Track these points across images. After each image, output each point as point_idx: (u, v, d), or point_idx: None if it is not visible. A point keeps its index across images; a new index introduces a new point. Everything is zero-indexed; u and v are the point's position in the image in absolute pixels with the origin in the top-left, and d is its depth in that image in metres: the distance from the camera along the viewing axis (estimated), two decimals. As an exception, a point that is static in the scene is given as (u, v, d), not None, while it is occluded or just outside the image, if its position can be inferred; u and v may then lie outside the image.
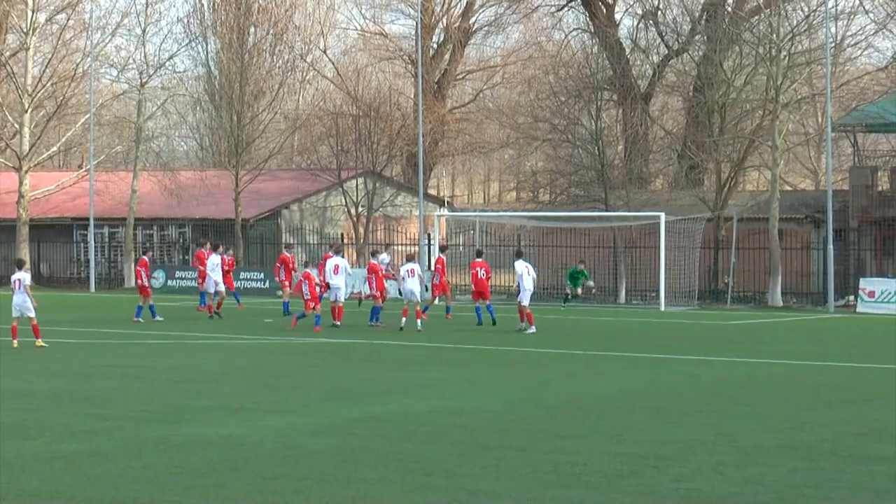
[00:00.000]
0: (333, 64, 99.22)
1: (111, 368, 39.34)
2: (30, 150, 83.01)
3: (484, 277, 51.96)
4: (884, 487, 22.06)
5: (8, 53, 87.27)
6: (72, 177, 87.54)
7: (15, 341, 42.58)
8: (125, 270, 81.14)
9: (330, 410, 30.62)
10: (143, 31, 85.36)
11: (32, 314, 42.80)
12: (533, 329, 48.26)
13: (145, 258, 56.92)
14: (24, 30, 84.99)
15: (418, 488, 21.82)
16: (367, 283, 53.92)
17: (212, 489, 21.82)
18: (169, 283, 75.02)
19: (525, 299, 48.93)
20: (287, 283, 58.27)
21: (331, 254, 54.30)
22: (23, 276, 43.50)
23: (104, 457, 24.75)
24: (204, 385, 35.31)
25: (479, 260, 53.24)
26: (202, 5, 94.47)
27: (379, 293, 52.17)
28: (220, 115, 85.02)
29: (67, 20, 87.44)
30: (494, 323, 51.45)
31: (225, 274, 57.95)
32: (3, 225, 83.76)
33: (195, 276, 63.97)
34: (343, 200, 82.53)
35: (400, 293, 52.44)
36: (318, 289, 50.01)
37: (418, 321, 49.14)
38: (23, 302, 43.06)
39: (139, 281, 55.41)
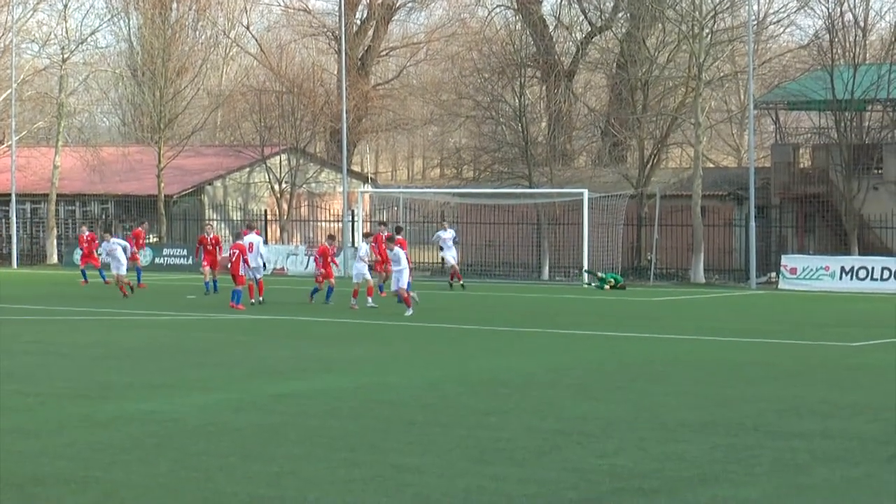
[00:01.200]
0: (257, 40, 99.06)
1: (33, 345, 39.24)
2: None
3: None
4: (804, 463, 22.26)
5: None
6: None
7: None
8: (47, 246, 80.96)
9: (253, 387, 30.63)
10: (65, 5, 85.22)
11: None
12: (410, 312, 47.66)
13: None
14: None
15: (343, 464, 21.86)
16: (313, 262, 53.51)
17: (135, 465, 21.81)
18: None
19: (404, 282, 48.38)
20: (206, 262, 57.71)
21: (246, 230, 53.91)
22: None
23: (27, 433, 24.68)
24: (126, 361, 35.25)
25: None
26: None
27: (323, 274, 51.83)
28: (143, 90, 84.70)
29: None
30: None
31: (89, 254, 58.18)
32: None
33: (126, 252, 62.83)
34: (266, 177, 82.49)
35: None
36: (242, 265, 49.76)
37: (369, 298, 48.86)
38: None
39: None
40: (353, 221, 72.84)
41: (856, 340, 40.82)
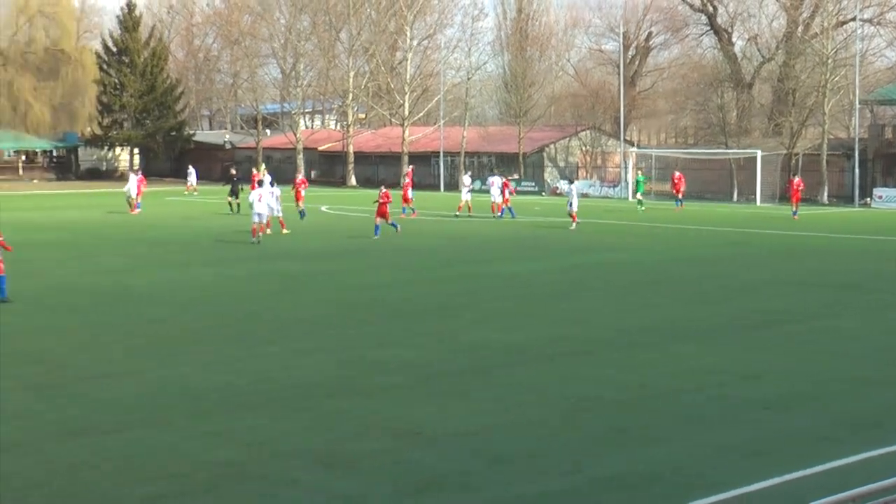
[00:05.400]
0: (573, 67, 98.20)
1: (438, 238, 39.85)
2: (408, 114, 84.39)
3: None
4: (879, 308, 21.71)
5: (397, 62, 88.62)
6: (431, 129, 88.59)
7: (254, 238, 34.82)
8: (459, 180, 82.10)
9: (563, 259, 30.89)
10: (469, 49, 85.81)
11: (263, 218, 35.62)
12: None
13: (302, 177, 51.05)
14: (405, 49, 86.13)
15: (612, 301, 22.08)
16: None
17: (496, 300, 22.41)
18: (482, 187, 75.42)
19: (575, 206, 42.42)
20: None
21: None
22: (263, 193, 35.93)
23: (438, 282, 25.43)
24: (494, 245, 35.72)
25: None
26: (501, 34, 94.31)
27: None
28: (510, 95, 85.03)
29: (428, 43, 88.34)
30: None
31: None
32: (394, 155, 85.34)
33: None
34: (578, 143, 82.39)
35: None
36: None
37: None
38: (264, 210, 35.51)
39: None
40: (625, 169, 72.46)
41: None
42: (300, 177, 50.36)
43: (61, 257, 30.54)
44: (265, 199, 35.69)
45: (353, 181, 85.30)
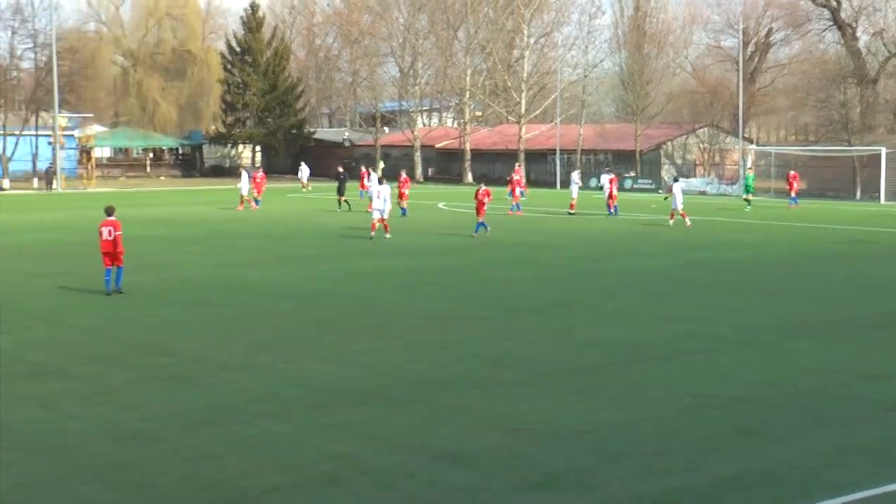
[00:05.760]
0: (691, 65, 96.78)
1: (552, 235, 39.59)
2: (524, 112, 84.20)
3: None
4: None
5: (514, 60, 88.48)
6: (547, 127, 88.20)
7: (373, 233, 35.15)
8: (570, 177, 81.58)
9: (678, 256, 30.42)
10: (586, 47, 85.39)
11: (385, 213, 35.32)
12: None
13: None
14: (522, 47, 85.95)
15: (730, 298, 21.66)
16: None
17: (612, 297, 22.05)
18: (596, 184, 74.85)
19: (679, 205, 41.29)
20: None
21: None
22: (382, 189, 35.70)
23: (539, 280, 25.14)
24: (608, 242, 35.34)
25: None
26: (618, 32, 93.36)
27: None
28: (627, 93, 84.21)
29: (545, 41, 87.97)
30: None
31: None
32: (510, 153, 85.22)
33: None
34: (696, 140, 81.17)
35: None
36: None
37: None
38: (382, 206, 35.16)
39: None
40: (744, 167, 71.12)
41: None
42: (404, 175, 49.44)
43: (186, 252, 31.24)
44: (384, 195, 35.60)
45: (469, 178, 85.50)
